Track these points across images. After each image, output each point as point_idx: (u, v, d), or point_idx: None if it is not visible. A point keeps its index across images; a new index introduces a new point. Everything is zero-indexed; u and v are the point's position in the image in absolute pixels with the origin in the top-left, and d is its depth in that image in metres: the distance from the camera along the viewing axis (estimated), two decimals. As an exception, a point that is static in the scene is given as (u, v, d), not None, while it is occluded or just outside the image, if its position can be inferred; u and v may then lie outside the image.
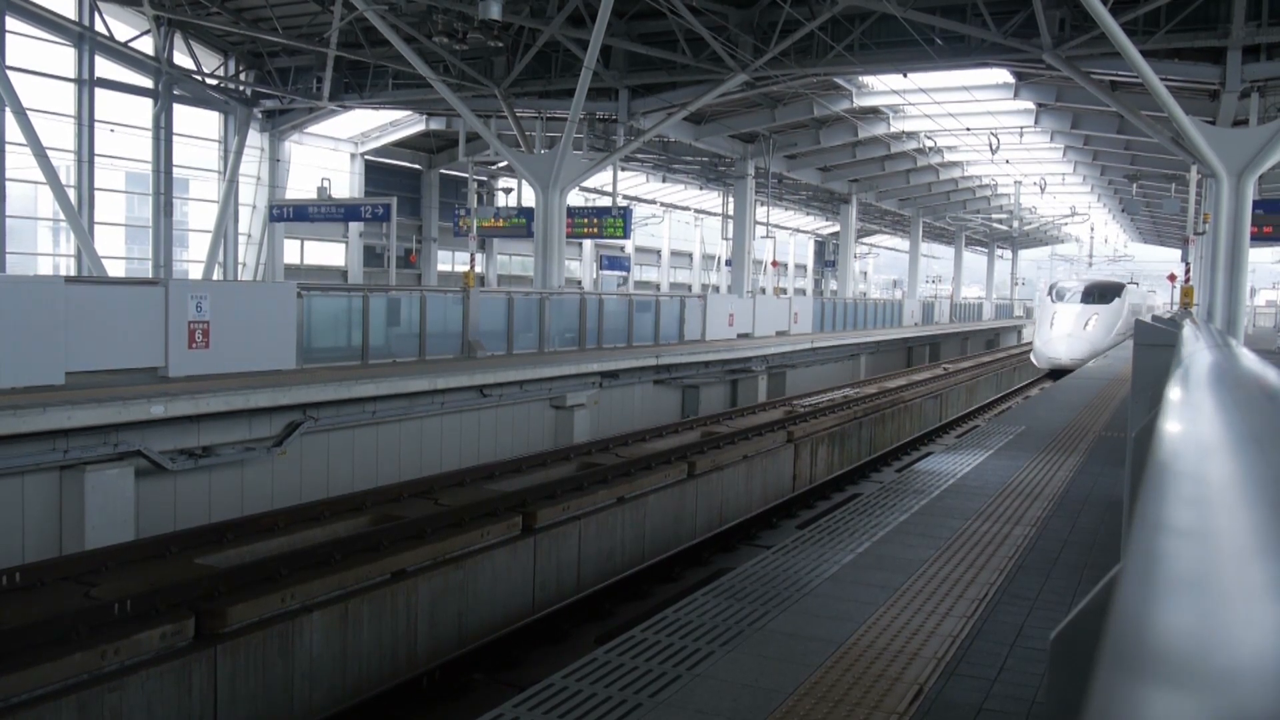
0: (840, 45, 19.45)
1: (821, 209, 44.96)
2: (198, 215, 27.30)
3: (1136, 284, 51.14)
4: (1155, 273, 60.75)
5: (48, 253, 25.07)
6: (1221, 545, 0.61)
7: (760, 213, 31.92)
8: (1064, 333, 28.44)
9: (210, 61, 25.15)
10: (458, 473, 11.52)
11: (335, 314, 14.52)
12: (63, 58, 22.27)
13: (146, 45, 22.99)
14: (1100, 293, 30.10)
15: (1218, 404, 1.44)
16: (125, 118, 23.41)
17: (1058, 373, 26.55)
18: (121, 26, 22.92)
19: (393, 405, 12.77)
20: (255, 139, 27.27)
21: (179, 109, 24.44)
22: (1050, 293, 32.04)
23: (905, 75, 22.08)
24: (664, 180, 38.43)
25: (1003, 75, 23.70)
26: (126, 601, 6.40)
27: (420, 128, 30.23)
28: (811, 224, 54.80)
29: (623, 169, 31.30)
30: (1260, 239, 19.32)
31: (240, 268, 27.33)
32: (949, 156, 35.12)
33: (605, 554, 10.51)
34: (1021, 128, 28.71)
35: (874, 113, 28.23)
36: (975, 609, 4.56)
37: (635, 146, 25.02)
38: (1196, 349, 2.91)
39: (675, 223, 48.31)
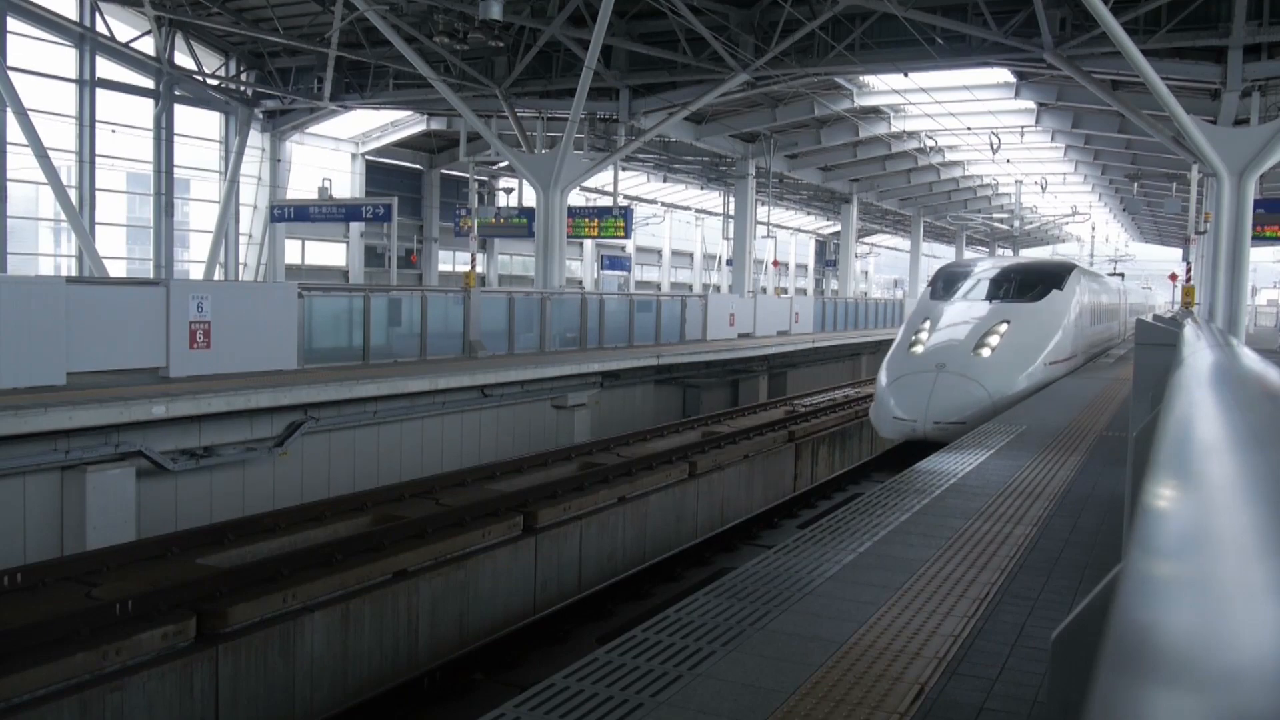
0: (841, 45, 19.44)
1: (822, 209, 44.93)
2: (199, 216, 27.30)
3: (1121, 274, 37.22)
4: (1156, 272, 60.68)
5: (49, 253, 25.07)
6: (1222, 545, 0.61)
7: (761, 212, 31.91)
8: (930, 363, 13.75)
9: (211, 62, 25.15)
10: (459, 473, 11.52)
11: (336, 314, 14.53)
12: (64, 58, 22.27)
13: (147, 46, 22.99)
14: (1022, 281, 15.76)
15: (1218, 404, 1.44)
16: (126, 118, 23.41)
17: (924, 445, 12.19)
18: (122, 27, 22.92)
19: (394, 405, 12.77)
20: (256, 139, 27.26)
21: (180, 109, 24.45)
22: (934, 285, 16.69)
23: (906, 75, 22.07)
24: (665, 180, 38.42)
25: (1003, 75, 23.68)
26: (128, 602, 6.40)
27: (421, 128, 30.23)
28: (812, 224, 54.77)
29: (623, 169, 31.28)
30: (1261, 238, 19.29)
31: (241, 268, 27.33)
32: (950, 156, 35.10)
33: (606, 554, 10.51)
34: (1022, 127, 28.69)
35: (875, 112, 28.22)
36: (976, 609, 4.56)
37: (636, 146, 25.01)
38: (1197, 348, 2.91)
39: (676, 223, 48.28)
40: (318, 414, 11.67)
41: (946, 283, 16.40)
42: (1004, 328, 14.35)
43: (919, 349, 14.30)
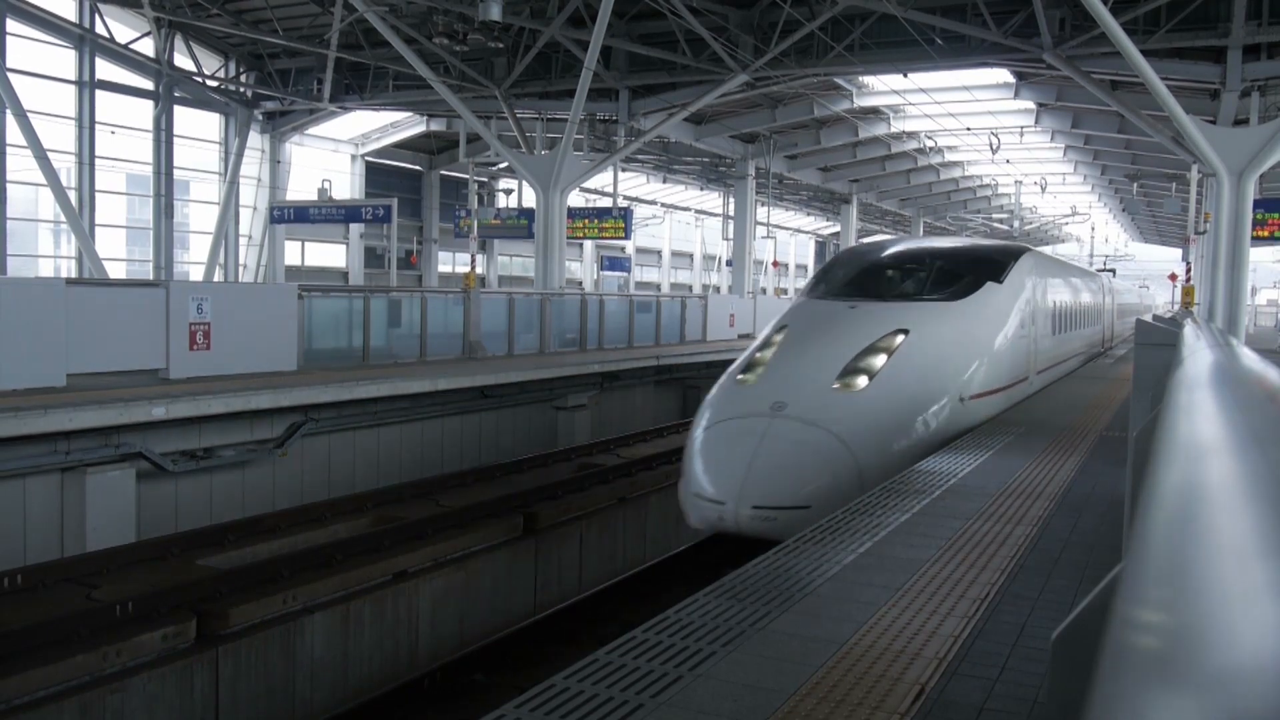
0: (840, 45, 19.44)
1: (822, 209, 44.95)
2: (198, 217, 27.31)
3: (1112, 270, 32.70)
4: (1156, 272, 60.67)
5: (49, 255, 25.08)
6: (1221, 545, 0.61)
7: (761, 213, 31.91)
8: (764, 401, 7.97)
9: (211, 63, 25.15)
10: (459, 474, 11.52)
11: (336, 315, 14.53)
12: (63, 60, 22.27)
13: (147, 47, 23.00)
14: (943, 270, 10.53)
15: (1218, 404, 1.44)
16: (126, 120, 23.41)
17: (755, 539, 6.91)
18: (122, 28, 22.92)
19: (394, 406, 12.77)
20: (256, 140, 27.27)
21: (179, 111, 24.45)
22: (818, 278, 11.47)
23: (905, 75, 22.06)
24: (664, 181, 38.43)
25: (1003, 75, 23.68)
26: (128, 603, 6.40)
27: (421, 129, 30.24)
28: (812, 224, 54.79)
29: (623, 170, 31.28)
30: (1261, 239, 19.28)
31: (241, 269, 27.33)
32: (949, 156, 35.11)
33: (607, 554, 10.51)
34: (1022, 127, 28.69)
35: (874, 113, 28.21)
36: (976, 609, 4.56)
37: (636, 147, 25.02)
38: (1197, 348, 2.91)
39: (676, 223, 48.30)
40: (318, 415, 11.67)
41: (835, 273, 11.10)
42: (898, 341, 8.83)
43: (753, 377, 8.71)
